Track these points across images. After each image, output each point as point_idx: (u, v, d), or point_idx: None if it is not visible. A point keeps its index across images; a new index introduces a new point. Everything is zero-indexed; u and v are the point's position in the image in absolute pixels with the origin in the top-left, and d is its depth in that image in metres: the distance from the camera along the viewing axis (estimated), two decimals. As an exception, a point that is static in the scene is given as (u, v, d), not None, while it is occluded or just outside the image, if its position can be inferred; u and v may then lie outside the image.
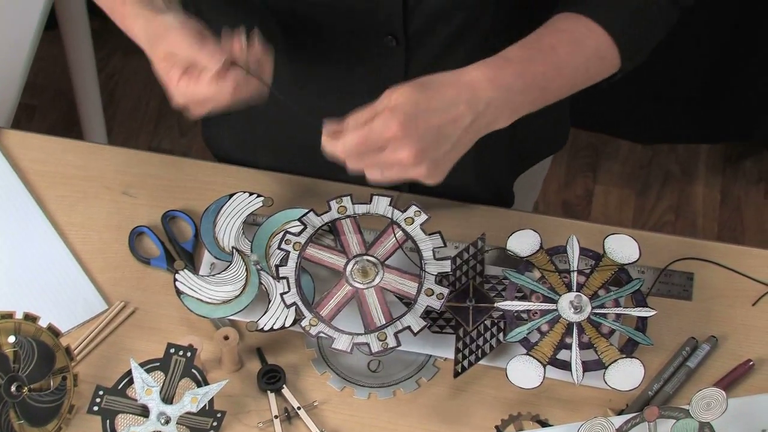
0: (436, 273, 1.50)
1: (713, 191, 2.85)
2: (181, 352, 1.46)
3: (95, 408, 1.44)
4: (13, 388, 1.43)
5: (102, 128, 2.63)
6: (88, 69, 2.49)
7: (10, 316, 1.45)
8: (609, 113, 2.80)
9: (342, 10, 1.41)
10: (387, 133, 1.30)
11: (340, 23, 1.42)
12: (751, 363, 1.52)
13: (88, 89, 2.53)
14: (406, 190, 1.65)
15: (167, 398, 1.44)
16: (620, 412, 1.48)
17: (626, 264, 1.51)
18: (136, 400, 1.44)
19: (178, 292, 1.54)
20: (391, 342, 1.46)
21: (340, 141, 1.32)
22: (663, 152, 2.89)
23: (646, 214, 2.81)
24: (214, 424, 1.44)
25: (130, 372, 1.45)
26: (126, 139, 2.81)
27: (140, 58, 2.84)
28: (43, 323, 1.46)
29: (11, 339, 1.44)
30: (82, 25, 2.39)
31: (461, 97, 1.33)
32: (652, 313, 1.49)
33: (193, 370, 1.45)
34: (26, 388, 1.43)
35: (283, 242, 1.53)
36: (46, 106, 2.81)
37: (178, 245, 1.59)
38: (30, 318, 1.46)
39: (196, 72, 1.33)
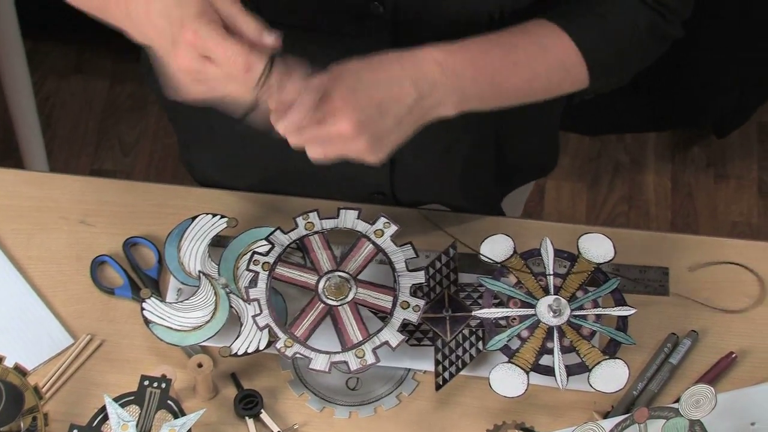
0: (410, 285, 1.48)
1: (664, 179, 2.85)
2: (155, 384, 1.42)
3: (70, 447, 1.40)
4: (-17, 433, 1.39)
5: (42, 153, 2.58)
6: (24, 93, 2.44)
7: (-25, 358, 1.41)
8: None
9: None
10: (327, 104, 1.27)
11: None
12: (733, 356, 1.52)
13: (26, 113, 2.48)
14: (392, 202, 1.63)
15: (144, 432, 1.41)
16: (606, 414, 1.47)
17: (602, 263, 1.50)
18: (112, 437, 1.41)
19: (147, 321, 1.50)
20: (370, 358, 1.44)
21: (288, 116, 1.27)
22: (611, 143, 2.89)
23: (599, 207, 2.81)
24: (194, 454, 1.41)
25: (104, 408, 1.41)
26: (66, 162, 2.76)
27: (76, 78, 2.84)
28: (8, 363, 1.42)
29: (-22, 382, 1.40)
30: (16, 47, 2.34)
31: (406, 75, 1.31)
32: (632, 311, 1.48)
33: (168, 401, 1.42)
34: (-3, 432, 1.40)
35: (252, 263, 1.50)
36: (-19, 134, 2.77)
37: (142, 273, 1.56)
38: (-4, 358, 1.42)
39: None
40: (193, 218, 1.57)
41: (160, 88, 1.70)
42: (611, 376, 1.44)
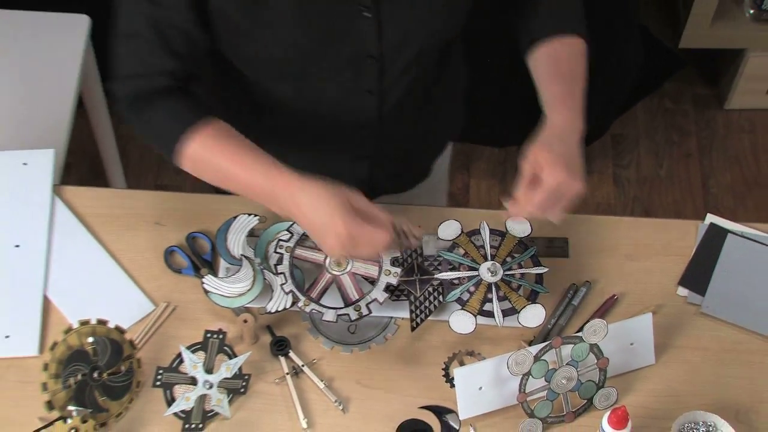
0: (390, 258, 1.44)
1: (550, 175, 2.81)
2: (215, 335, 1.38)
3: (157, 383, 1.36)
4: (95, 375, 1.34)
5: (121, 174, 2.50)
6: (108, 134, 2.36)
7: (87, 322, 1.36)
8: (473, 129, 2.75)
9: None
10: (558, 180, 1.27)
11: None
12: (615, 297, 1.48)
13: (109, 148, 2.40)
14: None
15: (209, 369, 1.36)
16: (530, 342, 1.43)
17: (523, 237, 1.46)
18: (186, 374, 1.36)
19: (206, 292, 1.45)
20: (364, 311, 1.40)
21: (532, 204, 1.29)
22: (513, 151, 2.85)
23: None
24: (244, 383, 1.37)
25: (179, 354, 1.37)
26: (138, 181, 2.69)
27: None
28: (111, 324, 1.37)
29: (90, 339, 1.35)
30: (102, 103, 2.27)
31: (571, 134, 1.32)
32: (545, 270, 1.44)
33: (225, 347, 1.38)
34: (105, 374, 1.34)
35: (278, 247, 1.45)
36: (78, 163, 2.68)
37: (201, 257, 1.51)
38: (101, 322, 1.37)
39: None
40: (235, 217, 1.52)
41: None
42: (533, 316, 1.41)
